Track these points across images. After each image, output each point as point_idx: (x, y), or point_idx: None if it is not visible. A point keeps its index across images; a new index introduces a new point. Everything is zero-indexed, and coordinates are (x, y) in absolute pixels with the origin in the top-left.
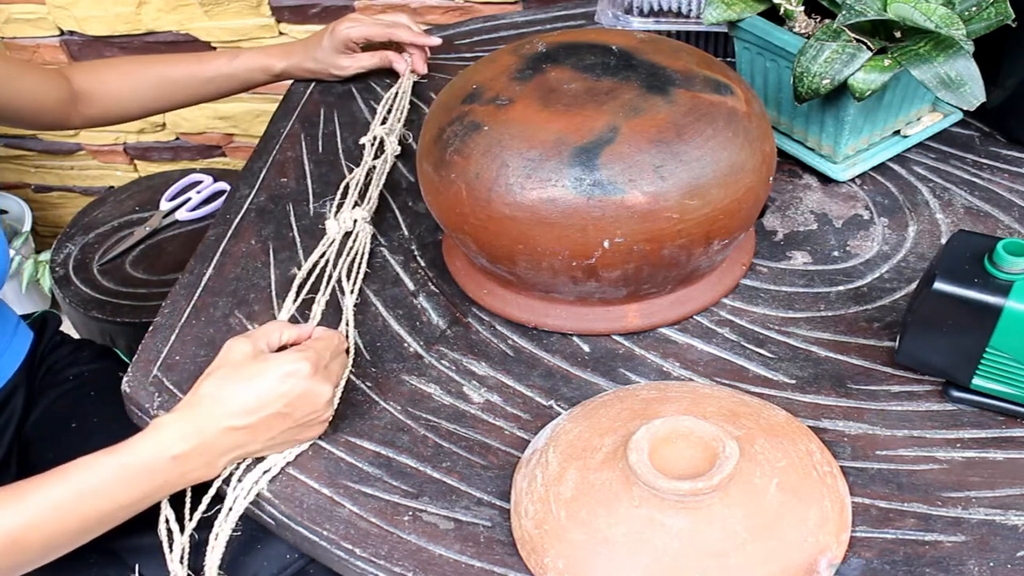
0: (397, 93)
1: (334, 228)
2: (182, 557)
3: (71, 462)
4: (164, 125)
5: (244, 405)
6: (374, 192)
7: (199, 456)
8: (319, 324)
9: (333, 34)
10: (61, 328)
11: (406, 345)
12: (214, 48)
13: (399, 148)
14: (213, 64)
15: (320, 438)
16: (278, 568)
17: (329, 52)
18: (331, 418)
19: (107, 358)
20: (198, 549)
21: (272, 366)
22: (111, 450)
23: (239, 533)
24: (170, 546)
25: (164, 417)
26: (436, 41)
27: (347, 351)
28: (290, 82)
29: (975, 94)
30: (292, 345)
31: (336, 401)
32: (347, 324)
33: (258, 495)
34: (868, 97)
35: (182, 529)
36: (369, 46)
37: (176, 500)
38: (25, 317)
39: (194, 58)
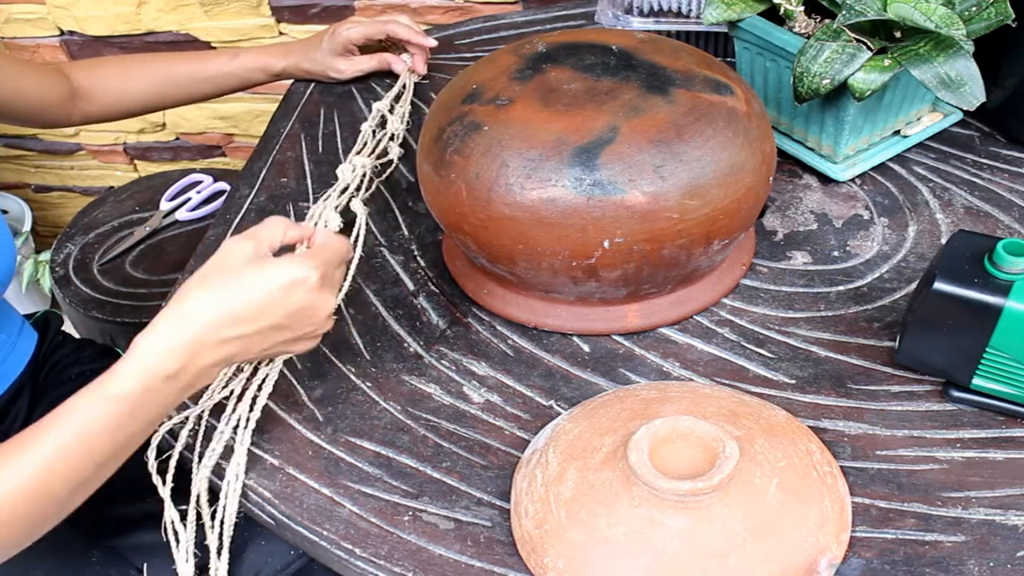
0: (400, 94)
1: (347, 171)
2: (189, 556)
3: (57, 408)
4: (164, 125)
5: (242, 314)
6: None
7: (192, 370)
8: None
9: (333, 36)
10: (62, 328)
11: (406, 345)
12: (214, 48)
13: (401, 151)
14: (213, 63)
15: (320, 438)
16: (279, 566)
17: (328, 54)
18: (328, 331)
19: (109, 357)
20: (199, 547)
21: (277, 272)
22: (98, 384)
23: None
24: (177, 545)
25: (147, 337)
26: (432, 42)
27: (350, 261)
28: (290, 82)
29: (975, 94)
30: (294, 247)
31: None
32: (358, 235)
33: (259, 495)
34: (868, 97)
35: (185, 525)
36: (368, 48)
37: (177, 497)
38: (27, 317)
39: (195, 56)
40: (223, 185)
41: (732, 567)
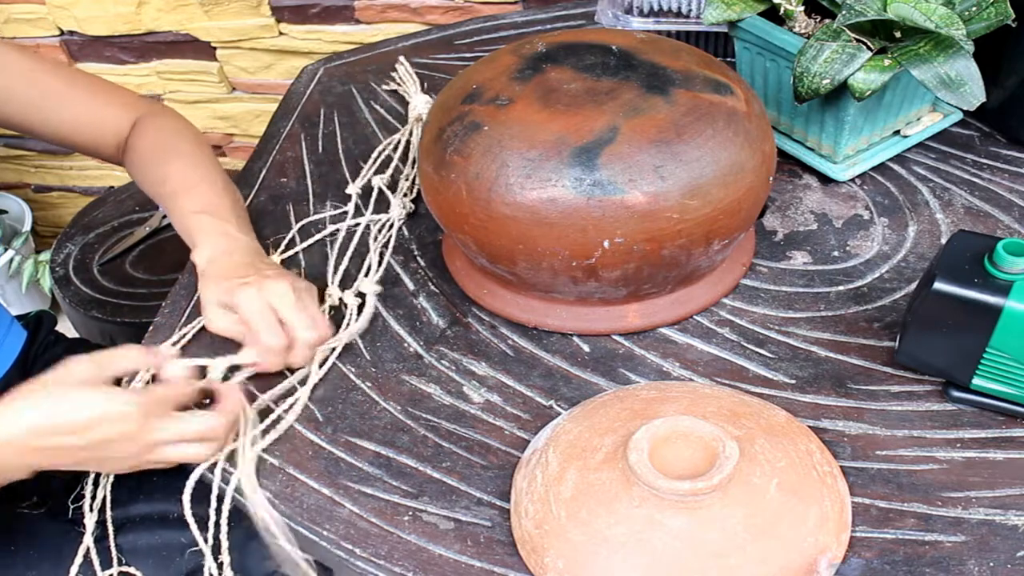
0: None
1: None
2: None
3: None
4: None
5: (55, 429)
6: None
7: (8, 459)
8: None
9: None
10: (57, 327)
11: (406, 345)
12: (214, 48)
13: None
14: (180, 206)
15: (320, 438)
16: (274, 567)
17: (211, 302)
18: (158, 460)
19: None
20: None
21: (96, 400)
22: None
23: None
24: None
25: None
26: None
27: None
28: (290, 81)
29: (975, 94)
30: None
31: (176, 450)
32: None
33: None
34: (868, 97)
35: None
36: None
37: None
38: (21, 317)
39: (182, 191)
40: None
41: (732, 567)
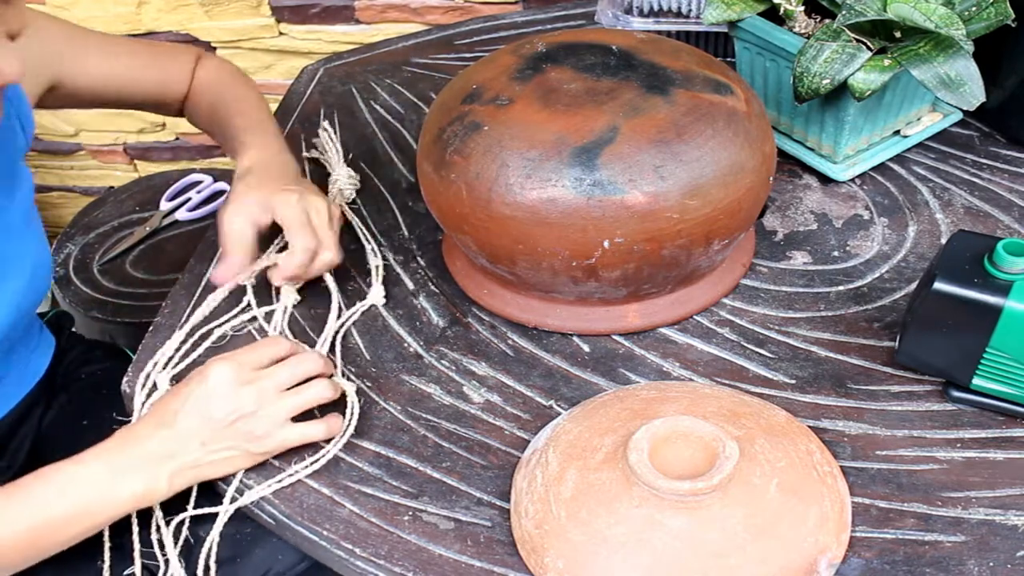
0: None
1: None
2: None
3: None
4: (164, 125)
5: (169, 404)
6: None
7: (129, 459)
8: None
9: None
10: (73, 328)
11: (406, 345)
12: (214, 48)
13: None
14: (230, 124)
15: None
16: (290, 563)
17: (238, 202)
18: (287, 439)
19: (119, 358)
20: (199, 545)
21: (202, 372)
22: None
23: (249, 530)
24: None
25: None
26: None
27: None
28: (290, 81)
29: (975, 94)
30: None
31: (288, 414)
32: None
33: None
34: (868, 97)
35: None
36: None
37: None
38: (39, 316)
39: (229, 112)
40: (223, 185)
41: (732, 567)
